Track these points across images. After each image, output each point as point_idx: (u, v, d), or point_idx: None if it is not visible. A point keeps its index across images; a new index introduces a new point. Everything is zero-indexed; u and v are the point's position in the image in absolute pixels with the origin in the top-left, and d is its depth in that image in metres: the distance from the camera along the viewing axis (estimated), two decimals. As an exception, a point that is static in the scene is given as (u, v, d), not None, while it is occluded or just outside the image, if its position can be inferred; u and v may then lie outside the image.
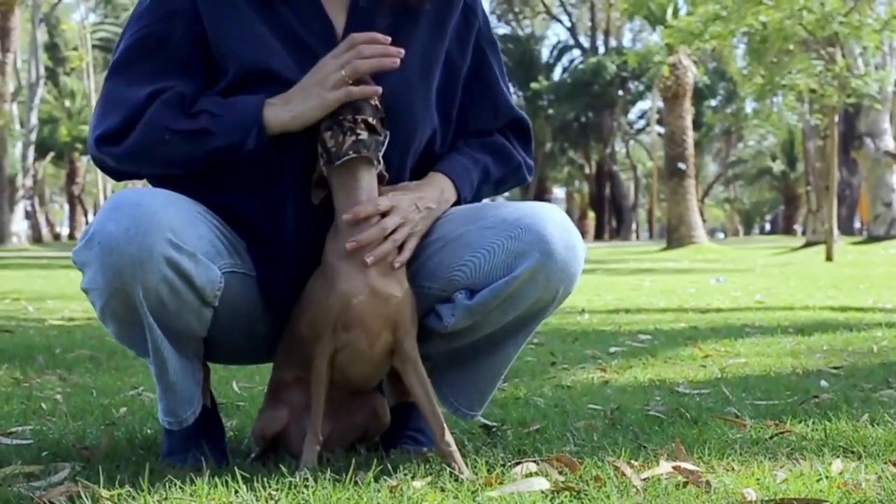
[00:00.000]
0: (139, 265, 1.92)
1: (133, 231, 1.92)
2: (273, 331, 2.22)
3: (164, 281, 1.95)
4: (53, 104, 47.93)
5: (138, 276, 1.93)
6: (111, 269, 1.93)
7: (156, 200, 1.98)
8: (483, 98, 2.30)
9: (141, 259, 1.92)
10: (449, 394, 2.29)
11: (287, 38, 2.11)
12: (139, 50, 2.11)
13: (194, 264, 1.99)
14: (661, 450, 2.23)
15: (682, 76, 26.85)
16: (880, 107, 21.66)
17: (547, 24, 56.73)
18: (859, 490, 1.86)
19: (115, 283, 1.94)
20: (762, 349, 4.60)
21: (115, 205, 1.96)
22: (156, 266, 1.93)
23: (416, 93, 2.17)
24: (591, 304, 7.98)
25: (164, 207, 1.97)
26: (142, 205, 1.95)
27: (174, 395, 2.13)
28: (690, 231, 26.69)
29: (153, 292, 1.95)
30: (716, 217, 76.80)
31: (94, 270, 1.96)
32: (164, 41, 2.10)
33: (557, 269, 2.08)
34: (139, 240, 1.92)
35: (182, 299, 2.00)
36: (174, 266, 1.95)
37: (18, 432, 2.62)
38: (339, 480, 1.91)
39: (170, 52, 2.10)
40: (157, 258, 1.93)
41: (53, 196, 70.75)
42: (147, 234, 1.92)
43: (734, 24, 17.94)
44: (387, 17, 2.16)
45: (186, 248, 1.97)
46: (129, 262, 1.92)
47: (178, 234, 1.96)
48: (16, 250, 29.51)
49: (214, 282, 2.04)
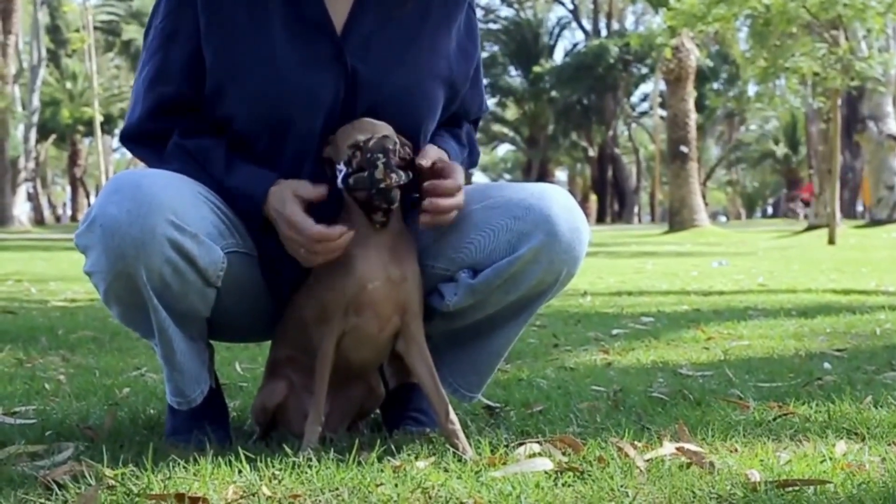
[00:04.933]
0: (142, 247, 1.91)
1: (135, 213, 1.91)
2: (275, 309, 2.22)
3: (167, 262, 1.95)
4: (55, 86, 47.83)
5: (141, 258, 1.92)
6: (114, 252, 1.92)
7: (156, 182, 1.97)
8: (474, 89, 2.33)
9: (143, 241, 1.91)
10: (448, 375, 2.28)
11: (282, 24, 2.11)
12: (156, 42, 2.15)
13: (197, 245, 1.98)
14: (664, 431, 2.24)
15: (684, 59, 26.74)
16: (884, 90, 21.57)
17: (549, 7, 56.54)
18: (863, 471, 1.86)
19: (118, 265, 1.93)
20: (765, 332, 4.60)
21: (116, 187, 1.96)
22: (158, 247, 1.93)
23: (425, 90, 2.18)
24: (593, 287, 7.98)
25: (164, 189, 1.96)
26: (142, 186, 1.94)
27: (182, 376, 2.13)
28: (693, 214, 26.62)
29: (156, 274, 1.95)
30: (718, 200, 76.72)
31: (96, 253, 1.95)
32: (175, 33, 2.13)
33: (561, 251, 2.08)
34: (141, 221, 1.91)
35: (186, 280, 2.00)
36: (177, 247, 1.95)
37: (22, 412, 2.63)
38: (343, 461, 1.91)
39: (183, 43, 2.12)
40: (160, 239, 1.92)
41: (55, 178, 70.78)
42: (149, 215, 1.91)
43: (737, 6, 17.86)
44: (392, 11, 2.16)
45: (189, 228, 1.96)
46: (131, 244, 1.91)
47: (179, 215, 1.95)
48: (18, 232, 29.51)
49: (217, 262, 2.03)
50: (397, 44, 2.16)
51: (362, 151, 2.01)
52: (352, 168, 2.01)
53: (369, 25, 2.14)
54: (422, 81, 2.17)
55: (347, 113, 2.10)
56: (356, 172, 2.01)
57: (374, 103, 2.12)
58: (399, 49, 2.16)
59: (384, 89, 2.13)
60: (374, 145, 2.00)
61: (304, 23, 2.11)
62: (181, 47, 2.12)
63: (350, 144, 2.02)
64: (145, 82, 2.16)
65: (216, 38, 2.10)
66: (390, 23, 2.15)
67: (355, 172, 2.01)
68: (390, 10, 2.16)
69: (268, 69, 2.08)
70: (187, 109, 2.15)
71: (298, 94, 2.08)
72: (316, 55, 2.10)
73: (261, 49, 2.08)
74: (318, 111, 2.10)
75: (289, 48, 2.09)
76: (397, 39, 2.16)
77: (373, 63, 2.13)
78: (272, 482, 1.82)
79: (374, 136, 2.01)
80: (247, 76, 2.08)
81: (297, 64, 2.09)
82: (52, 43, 46.57)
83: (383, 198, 2.01)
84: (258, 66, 2.08)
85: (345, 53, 2.11)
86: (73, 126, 46.31)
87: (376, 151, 1.99)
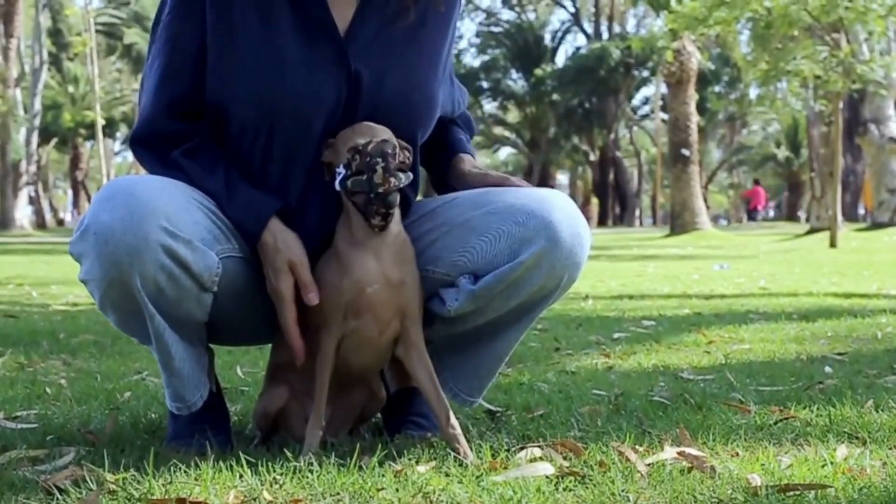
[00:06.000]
0: (135, 254, 1.91)
1: (128, 220, 1.91)
2: (274, 312, 2.21)
3: (161, 269, 1.94)
4: (57, 90, 47.85)
5: (135, 265, 1.92)
6: (107, 260, 1.92)
7: (149, 188, 1.97)
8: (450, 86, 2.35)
9: (137, 248, 1.91)
10: (449, 379, 2.29)
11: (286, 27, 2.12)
12: (165, 35, 2.15)
13: (191, 251, 1.98)
14: (665, 435, 2.24)
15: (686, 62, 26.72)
16: (885, 93, 21.55)
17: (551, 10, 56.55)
18: (864, 475, 1.86)
19: (113, 272, 1.93)
20: (766, 335, 4.60)
21: (109, 194, 1.95)
22: (152, 254, 1.92)
23: (426, 94, 2.19)
24: (594, 290, 7.97)
25: (158, 195, 1.96)
26: (135, 193, 1.94)
27: (181, 381, 2.13)
28: (694, 217, 26.60)
29: (151, 280, 1.95)
30: (719, 203, 76.67)
31: (90, 261, 1.95)
32: (183, 29, 2.12)
33: (563, 257, 2.08)
34: (134, 228, 1.91)
35: (181, 286, 1.99)
36: (170, 253, 1.95)
37: (23, 416, 2.63)
38: (344, 465, 1.91)
39: (184, 46, 2.12)
40: (153, 246, 1.92)
41: (57, 182, 70.75)
42: (142, 222, 1.91)
43: (738, 9, 17.84)
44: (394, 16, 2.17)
45: (182, 235, 1.96)
46: (125, 251, 1.91)
47: (172, 221, 1.95)
48: (19, 236, 29.52)
49: (212, 268, 2.03)
50: (399, 47, 2.16)
51: (361, 155, 2.01)
52: (351, 171, 2.02)
53: (372, 29, 2.14)
54: (422, 85, 2.18)
55: (348, 115, 2.11)
56: (355, 176, 2.01)
57: (376, 106, 2.12)
58: (400, 53, 2.16)
59: (386, 92, 2.13)
60: (373, 149, 2.00)
61: (309, 25, 2.11)
62: (190, 43, 2.11)
63: (349, 148, 2.03)
64: (156, 79, 2.15)
65: (222, 36, 2.09)
66: (392, 27, 2.16)
67: (354, 176, 2.01)
68: (392, 15, 2.16)
69: (272, 69, 2.08)
70: (198, 109, 2.14)
71: (302, 95, 2.08)
72: (320, 57, 2.10)
73: (266, 50, 2.08)
74: (320, 113, 2.10)
75: (294, 49, 2.09)
76: (399, 43, 2.16)
77: (375, 66, 2.13)
78: (273, 487, 1.82)
79: (374, 140, 2.02)
80: (251, 76, 2.08)
81: (301, 65, 2.09)
82: (54, 46, 46.58)
83: (382, 202, 2.01)
84: (263, 66, 2.08)
85: (348, 56, 2.11)
86: (75, 129, 46.24)
87: (375, 156, 2.00)
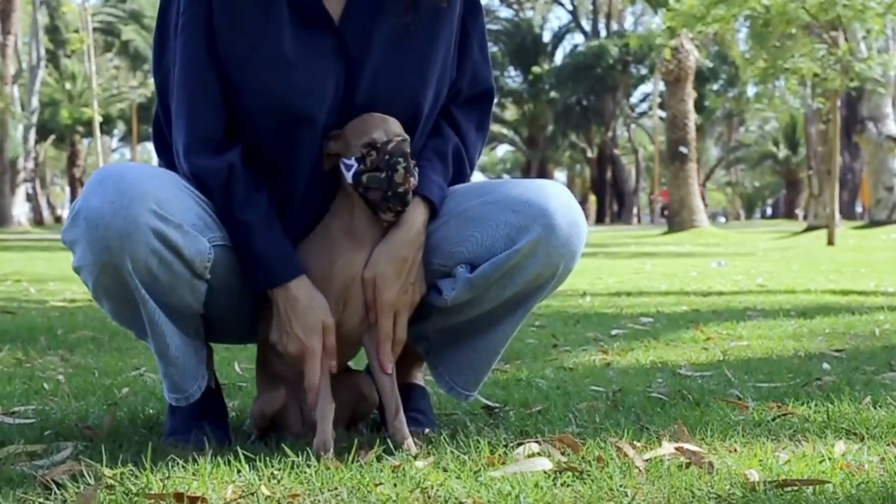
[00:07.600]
0: (126, 237, 1.91)
1: (118, 203, 1.90)
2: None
3: (152, 252, 1.94)
4: (54, 87, 47.84)
5: (126, 248, 1.91)
6: (98, 244, 1.92)
7: (140, 173, 1.97)
8: (462, 65, 2.28)
9: (127, 231, 1.91)
10: (444, 372, 2.29)
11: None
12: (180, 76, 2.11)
13: (181, 235, 1.97)
14: (663, 431, 2.23)
15: (684, 60, 26.73)
16: (883, 91, 21.58)
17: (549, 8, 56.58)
18: (862, 471, 1.86)
19: (104, 256, 1.92)
20: (764, 332, 4.60)
21: (100, 179, 1.96)
22: (143, 237, 1.92)
23: (425, 81, 2.17)
24: (592, 287, 7.98)
25: (148, 180, 1.96)
26: (126, 178, 1.94)
27: (178, 371, 2.12)
28: (692, 215, 26.63)
29: (142, 264, 1.94)
30: (717, 201, 76.73)
31: (82, 247, 1.95)
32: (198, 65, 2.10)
33: (559, 245, 2.08)
34: (124, 212, 1.90)
35: (173, 271, 1.99)
36: (161, 237, 1.94)
37: (21, 412, 2.63)
38: (342, 460, 1.91)
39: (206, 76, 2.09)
40: (144, 229, 1.92)
41: (55, 178, 70.75)
42: (132, 205, 1.91)
43: (736, 7, 17.86)
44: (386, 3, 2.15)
45: (172, 218, 1.96)
46: (115, 234, 1.90)
47: (162, 205, 1.95)
48: (17, 233, 29.52)
49: (203, 252, 2.02)
50: (395, 35, 2.15)
51: (379, 152, 2.01)
52: (365, 166, 2.02)
53: (366, 17, 2.13)
54: (421, 73, 2.17)
55: (346, 104, 2.11)
56: (371, 171, 2.01)
57: (374, 95, 2.12)
58: (397, 40, 2.15)
59: (383, 81, 2.13)
60: (394, 148, 2.01)
61: (307, 15, 2.11)
62: (209, 71, 2.08)
63: (365, 143, 2.03)
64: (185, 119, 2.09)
65: (226, 29, 2.08)
66: (385, 14, 2.14)
67: (370, 171, 2.01)
68: (383, 6, 2.15)
69: (275, 61, 2.07)
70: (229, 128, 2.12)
71: (305, 85, 2.08)
72: (318, 47, 2.10)
73: (268, 41, 2.08)
74: (321, 102, 2.10)
75: (294, 40, 2.09)
76: (395, 31, 2.15)
77: (372, 55, 2.13)
78: (271, 482, 1.82)
79: (394, 140, 2.02)
80: (254, 68, 2.08)
81: (302, 56, 2.09)
82: (51, 43, 46.56)
83: (399, 200, 2.02)
84: (266, 58, 2.07)
85: (346, 45, 2.11)
86: (73, 126, 46.29)
87: (396, 155, 2.01)
